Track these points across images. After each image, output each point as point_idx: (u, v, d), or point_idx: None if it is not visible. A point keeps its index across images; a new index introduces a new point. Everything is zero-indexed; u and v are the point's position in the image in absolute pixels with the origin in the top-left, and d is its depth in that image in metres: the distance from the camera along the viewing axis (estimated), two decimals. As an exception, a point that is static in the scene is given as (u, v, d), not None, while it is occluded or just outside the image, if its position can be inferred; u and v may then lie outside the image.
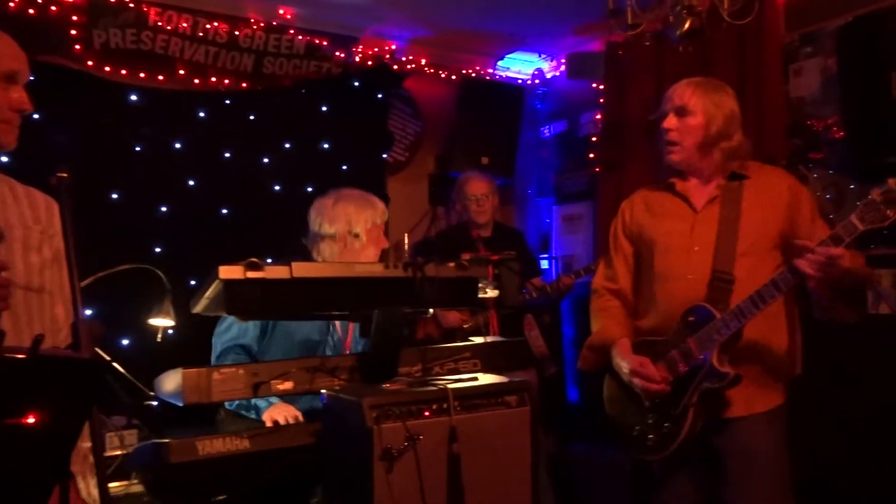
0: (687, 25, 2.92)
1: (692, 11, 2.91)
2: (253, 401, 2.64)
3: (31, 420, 0.94)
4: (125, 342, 3.58)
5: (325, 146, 4.43)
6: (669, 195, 2.40)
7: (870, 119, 2.80)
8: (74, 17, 3.77)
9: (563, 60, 5.02)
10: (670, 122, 2.30)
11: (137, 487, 2.39)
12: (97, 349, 2.13)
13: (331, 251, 2.71)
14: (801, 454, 2.38)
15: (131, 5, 3.82)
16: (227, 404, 2.71)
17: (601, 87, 4.67)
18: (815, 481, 3.18)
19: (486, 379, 2.10)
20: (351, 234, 2.70)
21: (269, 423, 2.39)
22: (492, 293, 2.37)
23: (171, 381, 2.05)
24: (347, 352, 2.74)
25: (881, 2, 3.28)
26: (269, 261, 3.00)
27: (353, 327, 2.81)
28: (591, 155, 4.81)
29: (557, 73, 5.25)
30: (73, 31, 3.77)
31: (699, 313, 2.22)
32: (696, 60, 3.84)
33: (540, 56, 5.22)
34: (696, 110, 2.28)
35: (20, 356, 1.01)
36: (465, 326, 3.79)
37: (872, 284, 3.08)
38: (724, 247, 2.25)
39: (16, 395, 1.00)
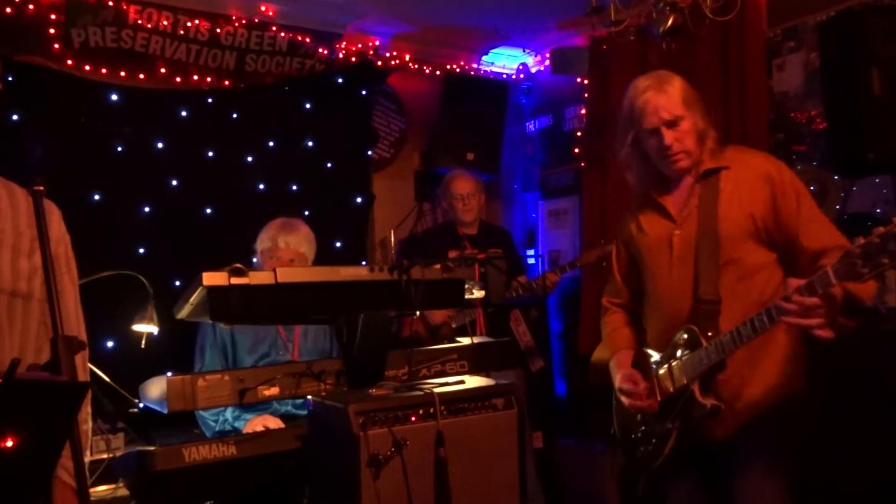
0: (669, 22, 2.93)
1: (675, 8, 2.91)
2: (229, 424, 2.69)
3: (8, 444, 0.93)
4: (109, 346, 3.55)
5: (309, 144, 4.40)
6: (649, 207, 2.35)
7: (851, 114, 2.80)
8: (52, 16, 3.72)
9: (547, 55, 5.01)
10: (669, 137, 2.18)
11: (123, 491, 2.38)
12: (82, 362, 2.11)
13: (264, 259, 2.96)
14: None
15: (110, 4, 3.78)
16: (205, 431, 2.74)
17: (586, 81, 4.66)
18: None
19: (472, 381, 2.10)
20: (269, 254, 2.95)
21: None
22: (478, 294, 2.36)
23: (155, 388, 2.04)
24: (296, 359, 2.87)
25: (863, -4, 3.30)
26: (255, 260, 3.04)
27: (300, 334, 2.90)
28: (577, 150, 4.81)
29: (542, 68, 5.24)
30: (52, 30, 3.72)
31: (689, 336, 2.17)
32: (680, 55, 3.85)
33: (524, 51, 5.21)
34: (682, 114, 2.19)
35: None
36: (452, 324, 3.79)
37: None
38: (705, 261, 2.16)
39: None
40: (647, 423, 2.28)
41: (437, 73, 5.00)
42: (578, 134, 4.84)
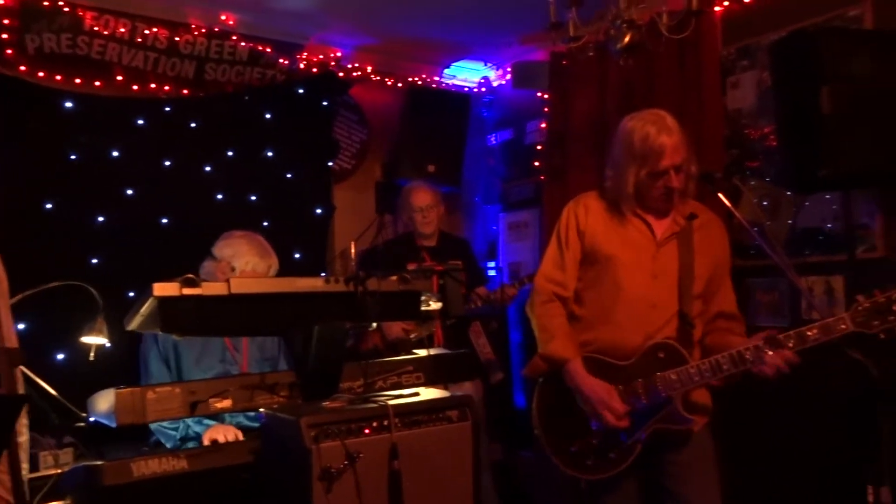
0: (627, 39, 2.96)
1: (632, 25, 2.95)
2: (192, 430, 2.65)
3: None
4: (59, 358, 3.47)
5: (269, 154, 4.37)
6: (633, 217, 2.43)
7: (802, 132, 2.87)
8: (6, 21, 3.64)
9: (509, 69, 5.06)
10: (676, 181, 2.34)
11: (72, 509, 2.32)
12: (24, 370, 2.06)
13: (208, 270, 2.90)
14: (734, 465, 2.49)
15: (66, 9, 3.72)
16: (165, 442, 2.69)
17: (546, 96, 4.71)
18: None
19: (428, 393, 2.09)
20: (229, 265, 2.87)
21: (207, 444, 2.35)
22: (435, 306, 2.36)
23: (103, 402, 2.00)
24: (246, 369, 2.85)
25: (813, 18, 3.39)
26: (202, 272, 2.99)
27: (248, 344, 2.88)
28: (537, 163, 4.85)
29: (504, 82, 5.28)
30: (5, 36, 3.64)
31: (670, 352, 2.26)
32: (639, 72, 3.92)
33: (486, 64, 5.25)
34: (689, 158, 2.36)
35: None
36: (410, 337, 3.78)
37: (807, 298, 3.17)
38: (686, 287, 2.33)
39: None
40: (605, 435, 2.29)
41: (400, 85, 5.01)
42: (539, 147, 4.89)
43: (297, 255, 4.41)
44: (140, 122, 3.95)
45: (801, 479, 3.31)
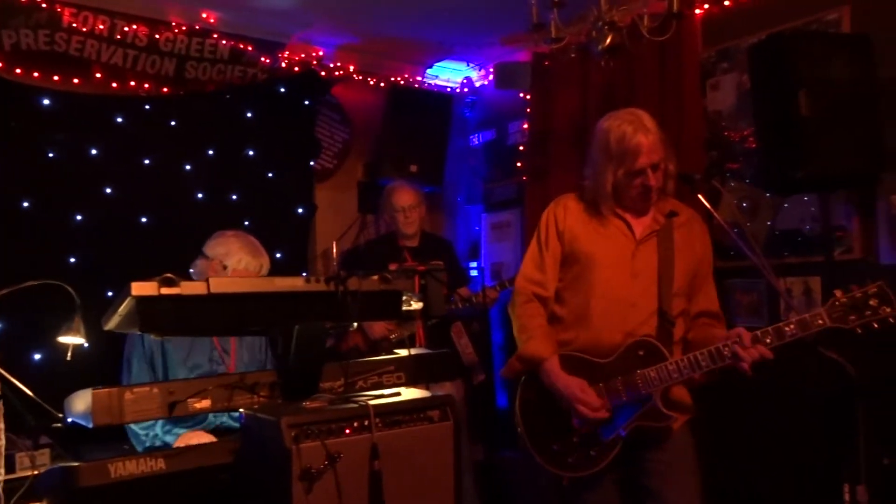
0: (608, 41, 2.98)
1: (613, 27, 2.97)
2: (160, 439, 2.63)
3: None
4: (37, 359, 3.43)
5: (251, 153, 4.35)
6: (611, 216, 2.44)
7: (780, 134, 2.90)
8: (-18, 18, 3.60)
9: (491, 70, 5.06)
10: (653, 179, 2.35)
11: (48, 510, 2.29)
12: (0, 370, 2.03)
13: (200, 269, 2.87)
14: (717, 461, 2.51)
15: (44, 6, 3.67)
16: (135, 445, 2.67)
17: (528, 97, 4.72)
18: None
19: (409, 393, 2.09)
20: (221, 263, 2.84)
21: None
22: (416, 305, 2.35)
23: (80, 402, 1.97)
24: (233, 371, 2.81)
25: (792, 21, 3.43)
26: (192, 271, 2.97)
27: (236, 346, 2.86)
28: (519, 164, 4.87)
29: (486, 83, 5.29)
30: (-19, 32, 3.61)
31: (650, 350, 2.28)
32: (620, 73, 3.94)
33: (468, 65, 5.25)
34: (666, 157, 2.37)
35: None
36: (391, 337, 3.78)
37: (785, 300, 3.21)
38: (665, 285, 2.35)
39: None
40: (585, 433, 2.31)
41: (382, 84, 5.00)
42: (521, 148, 4.90)
43: (278, 255, 4.38)
44: (119, 120, 3.92)
45: (778, 478, 3.34)
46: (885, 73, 2.98)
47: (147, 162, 3.99)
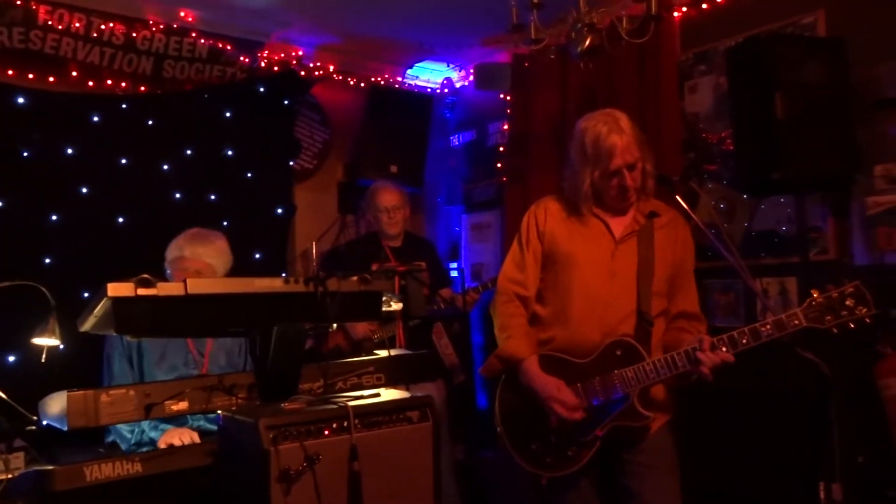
0: (587, 42, 3.00)
1: (592, 29, 2.99)
2: (147, 435, 2.60)
3: None
4: (11, 360, 3.38)
5: (229, 153, 4.31)
6: (591, 217, 2.46)
7: (757, 136, 2.93)
8: (-45, 14, 3.55)
9: (471, 70, 5.07)
10: (629, 179, 2.36)
11: (22, 515, 2.26)
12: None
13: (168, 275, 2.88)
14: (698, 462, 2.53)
15: (18, 3, 3.62)
16: (120, 443, 2.64)
17: (508, 97, 4.73)
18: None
19: (388, 394, 2.08)
20: (171, 265, 2.87)
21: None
22: (396, 306, 2.35)
23: (55, 404, 1.95)
24: (205, 372, 2.79)
25: (769, 25, 3.46)
26: (168, 272, 2.95)
27: (211, 349, 2.84)
28: (499, 164, 4.87)
29: (466, 83, 5.30)
30: (-46, 29, 3.55)
31: (627, 350, 2.29)
32: (599, 75, 3.96)
33: (449, 66, 5.25)
34: (639, 156, 2.38)
35: None
36: (374, 337, 3.77)
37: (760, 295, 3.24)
38: (644, 285, 2.36)
39: None
40: (563, 433, 2.31)
41: (362, 84, 4.99)
42: (501, 149, 4.91)
43: (257, 256, 4.37)
44: (96, 118, 3.87)
45: (756, 477, 3.38)
46: (859, 76, 3.02)
47: (124, 161, 3.94)
